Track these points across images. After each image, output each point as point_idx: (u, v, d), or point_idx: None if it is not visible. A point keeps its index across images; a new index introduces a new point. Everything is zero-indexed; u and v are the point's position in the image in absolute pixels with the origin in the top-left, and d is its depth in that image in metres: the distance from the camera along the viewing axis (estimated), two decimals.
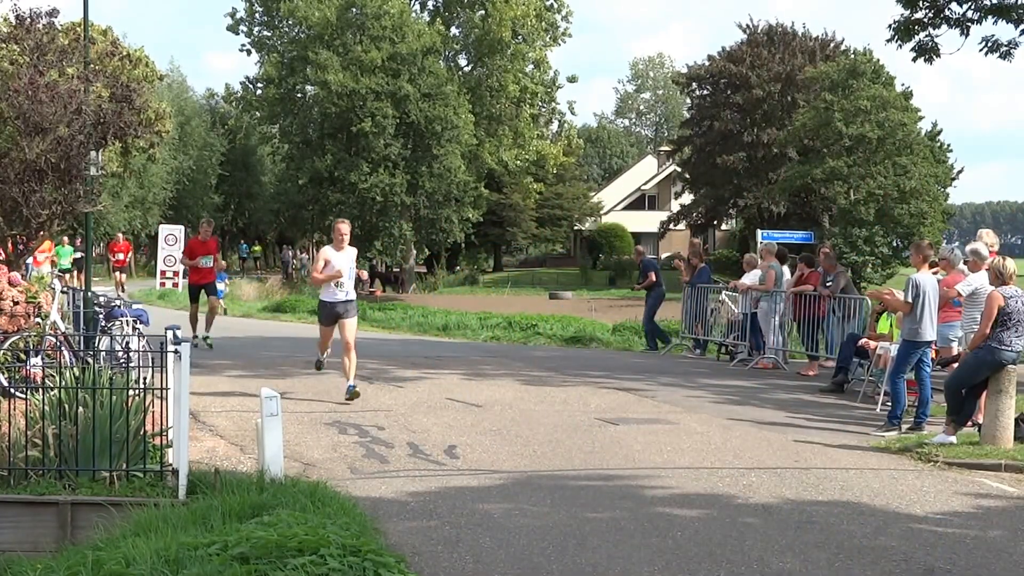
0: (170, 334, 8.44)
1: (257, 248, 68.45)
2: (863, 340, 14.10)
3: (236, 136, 65.72)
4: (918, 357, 11.59)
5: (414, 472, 9.22)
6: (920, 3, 19.01)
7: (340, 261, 12.67)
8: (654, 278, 20.59)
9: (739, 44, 63.81)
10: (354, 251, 13.10)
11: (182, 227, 42.44)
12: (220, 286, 36.19)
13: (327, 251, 12.86)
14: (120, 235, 37.71)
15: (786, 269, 17.98)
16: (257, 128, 61.84)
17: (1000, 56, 19.04)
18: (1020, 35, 18.67)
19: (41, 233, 25.37)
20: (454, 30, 58.98)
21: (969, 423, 10.99)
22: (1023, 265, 17.22)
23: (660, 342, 20.80)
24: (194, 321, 18.54)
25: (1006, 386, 10.39)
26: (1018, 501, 8.70)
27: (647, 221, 75.50)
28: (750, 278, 18.10)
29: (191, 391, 8.56)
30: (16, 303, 11.18)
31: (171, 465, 8.39)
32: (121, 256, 34.35)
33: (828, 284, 16.53)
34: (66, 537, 7.69)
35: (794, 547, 7.07)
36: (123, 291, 31.03)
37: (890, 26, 19.40)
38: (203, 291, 18.42)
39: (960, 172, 63.78)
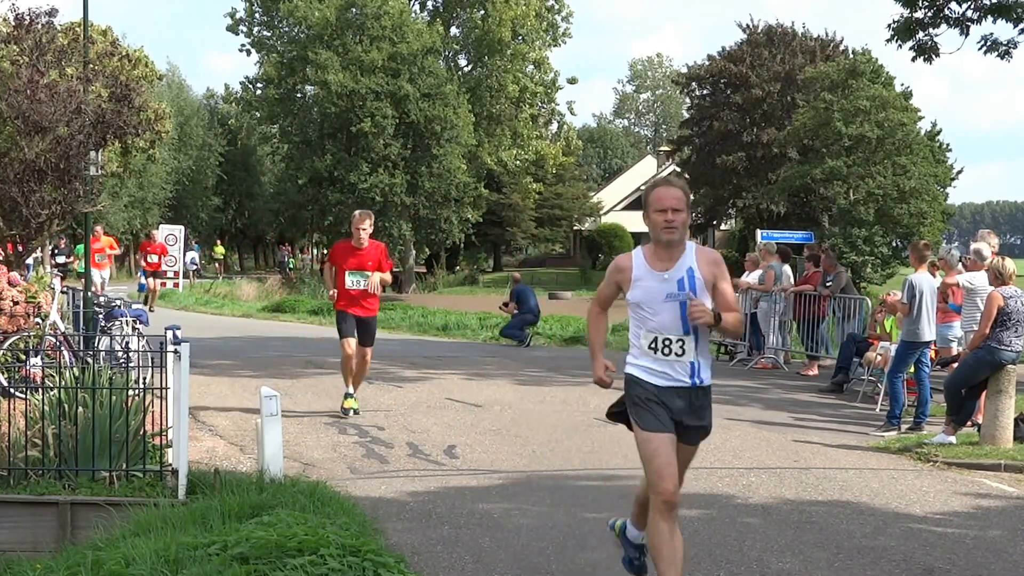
0: (170, 334, 8.44)
1: (219, 249, 57.25)
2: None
3: (236, 136, 65.67)
4: (916, 357, 11.60)
5: (414, 472, 9.22)
6: (920, 3, 18.98)
7: (656, 291, 5.55)
8: (515, 309, 21.64)
9: (739, 44, 63.84)
10: (712, 256, 5.75)
11: (182, 227, 42.46)
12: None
13: (635, 264, 5.65)
14: (155, 233, 31.34)
15: (787, 268, 17.96)
16: (257, 128, 61.82)
17: (999, 56, 19.02)
18: (1019, 34, 18.66)
19: (98, 228, 24.99)
20: (454, 30, 59.00)
21: (969, 423, 11.00)
22: (1023, 265, 17.23)
23: (512, 338, 21.37)
24: (349, 371, 11.66)
25: (1005, 386, 10.40)
26: (1017, 501, 8.70)
27: None
28: (751, 277, 18.11)
29: (190, 391, 8.56)
30: (16, 303, 11.19)
31: (171, 465, 8.39)
32: (155, 258, 28.40)
33: (828, 284, 16.54)
34: (66, 537, 7.68)
35: (793, 547, 7.07)
36: (152, 304, 26.79)
37: (889, 26, 19.38)
38: (358, 327, 11.57)
39: (960, 172, 63.80)
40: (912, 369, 11.75)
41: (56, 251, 30.60)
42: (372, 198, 49.84)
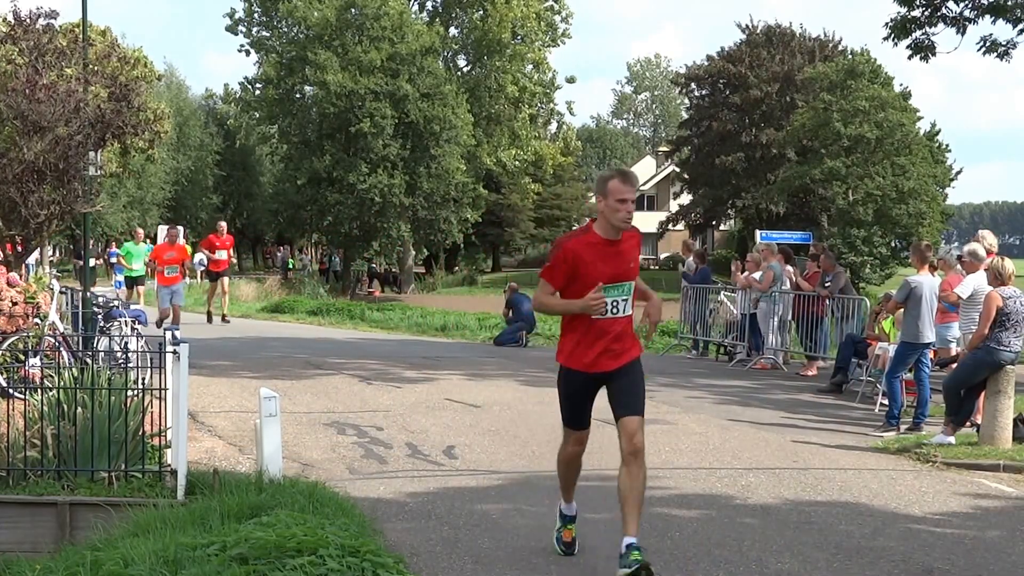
0: (168, 335, 8.44)
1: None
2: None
3: (235, 136, 65.67)
4: (916, 358, 11.60)
5: (413, 472, 9.21)
6: (916, 1, 18.99)
7: None
8: (510, 314, 21.90)
9: (738, 44, 63.89)
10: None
11: (181, 228, 42.40)
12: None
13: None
14: (222, 225, 27.09)
15: (790, 270, 17.94)
16: (256, 128, 61.85)
17: (998, 56, 19.02)
18: (1018, 35, 18.66)
19: (173, 230, 23.97)
20: (453, 30, 59.02)
21: (968, 423, 11.00)
22: (1022, 266, 17.25)
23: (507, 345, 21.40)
24: (574, 472, 7.14)
25: (1004, 386, 10.40)
26: (1016, 501, 8.70)
27: (646, 221, 75.52)
28: (753, 277, 18.10)
29: (189, 391, 8.55)
30: (15, 303, 11.20)
31: (170, 466, 8.38)
32: (224, 255, 24.94)
33: (827, 284, 16.55)
34: (65, 537, 7.68)
35: (792, 547, 7.07)
36: (224, 311, 24.81)
37: (887, 24, 19.40)
38: (612, 385, 6.59)
39: (959, 172, 63.82)
40: (911, 370, 11.76)
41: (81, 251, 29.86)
42: (371, 199, 49.84)
